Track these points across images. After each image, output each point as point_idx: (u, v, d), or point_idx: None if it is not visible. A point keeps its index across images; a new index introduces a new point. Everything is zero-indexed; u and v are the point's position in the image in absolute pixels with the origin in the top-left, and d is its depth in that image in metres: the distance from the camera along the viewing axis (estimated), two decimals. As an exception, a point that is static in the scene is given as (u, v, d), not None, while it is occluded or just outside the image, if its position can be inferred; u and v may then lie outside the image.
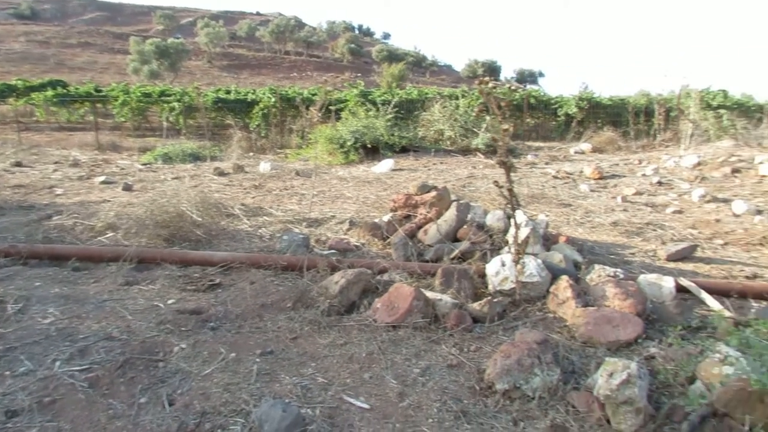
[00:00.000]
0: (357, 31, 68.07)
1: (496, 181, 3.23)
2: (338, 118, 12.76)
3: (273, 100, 16.04)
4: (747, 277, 4.25)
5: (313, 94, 16.30)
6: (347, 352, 2.79)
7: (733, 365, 2.31)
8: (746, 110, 15.97)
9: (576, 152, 11.57)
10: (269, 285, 3.61)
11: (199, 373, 2.50)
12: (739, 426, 2.21)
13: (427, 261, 4.05)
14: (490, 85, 2.86)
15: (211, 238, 4.78)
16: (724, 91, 16.90)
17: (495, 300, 3.28)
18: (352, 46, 52.90)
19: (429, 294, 3.26)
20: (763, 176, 7.55)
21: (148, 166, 10.03)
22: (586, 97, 17.30)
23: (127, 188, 7.07)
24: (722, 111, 15.04)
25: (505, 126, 2.93)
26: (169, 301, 3.35)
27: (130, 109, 17.46)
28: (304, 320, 3.11)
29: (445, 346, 2.87)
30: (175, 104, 16.72)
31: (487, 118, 11.42)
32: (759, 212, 6.06)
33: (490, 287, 3.55)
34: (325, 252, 4.36)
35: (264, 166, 9.11)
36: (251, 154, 12.81)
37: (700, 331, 3.11)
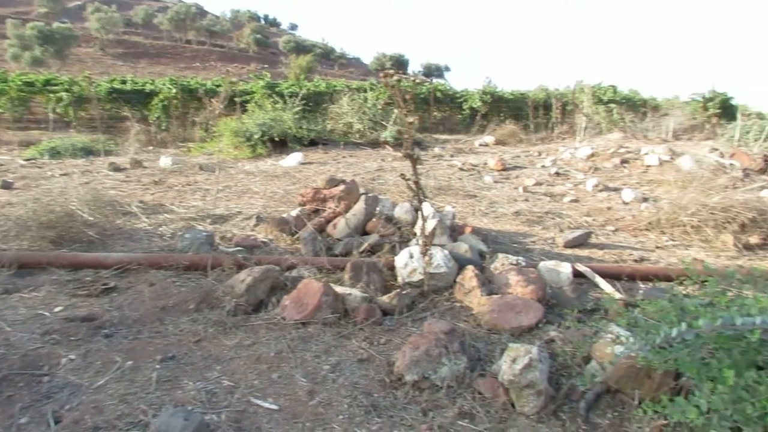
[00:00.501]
0: (263, 21, 66.33)
1: (402, 174, 3.25)
2: (244, 111, 12.37)
3: (174, 91, 15.30)
4: (635, 261, 4.57)
5: (217, 86, 15.70)
6: (255, 352, 2.70)
7: (623, 344, 2.47)
8: (633, 105, 17.20)
9: (480, 145, 11.98)
10: (170, 286, 3.43)
11: (90, 385, 2.33)
12: (629, 400, 2.37)
13: (337, 255, 4.02)
14: (395, 77, 2.86)
15: (106, 238, 4.48)
16: (613, 86, 18.10)
17: (404, 292, 3.31)
18: (258, 36, 51.49)
19: (338, 289, 3.23)
20: (649, 166, 8.18)
21: (32, 161, 9.23)
22: (490, 91, 17.92)
23: (7, 186, 6.47)
24: (612, 105, 16.11)
25: (411, 119, 2.95)
26: (56, 309, 3.09)
27: (9, 99, 15.95)
28: (209, 322, 2.99)
29: (356, 341, 2.86)
30: (63, 94, 15.47)
31: (396, 111, 11.55)
32: (645, 200, 6.55)
33: (400, 279, 3.58)
34: (231, 249, 4.22)
35: (165, 161, 8.67)
36: (151, 148, 12.15)
37: (595, 313, 3.30)
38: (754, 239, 5.17)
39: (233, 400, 2.29)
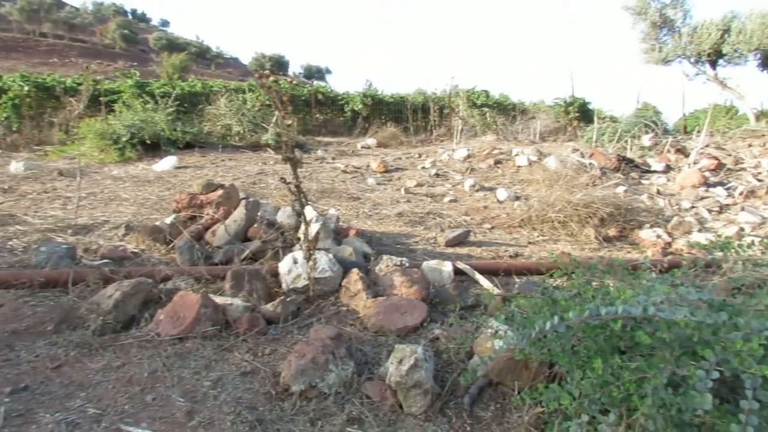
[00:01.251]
0: (130, 16, 62.13)
1: (283, 178, 3.16)
2: (110, 111, 11.46)
3: (26, 88, 13.77)
4: (511, 256, 4.82)
5: (78, 84, 14.41)
6: (125, 374, 2.47)
7: (501, 338, 2.57)
8: (504, 108, 18.27)
9: (363, 147, 12.09)
10: (23, 307, 3.06)
11: None
12: (510, 391, 2.46)
13: (216, 264, 3.82)
14: (271, 78, 2.77)
15: (-58, 255, 3.92)
16: (486, 91, 19.10)
17: (289, 299, 3.21)
18: (126, 32, 48.10)
19: (219, 299, 3.07)
20: (519, 166, 8.70)
21: None
22: (370, 94, 18.15)
23: None
24: (485, 109, 17.00)
25: (289, 121, 2.87)
26: None
27: None
28: (71, 344, 2.70)
29: (239, 353, 2.72)
30: None
31: (277, 113, 11.30)
32: (517, 198, 6.95)
33: (284, 286, 3.48)
34: (97, 262, 3.86)
35: (16, 166, 7.79)
36: None
37: (476, 309, 3.42)
38: (612, 232, 5.67)
39: (100, 430, 2.07)
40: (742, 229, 6.00)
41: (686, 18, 13.83)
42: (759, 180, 8.23)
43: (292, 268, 3.47)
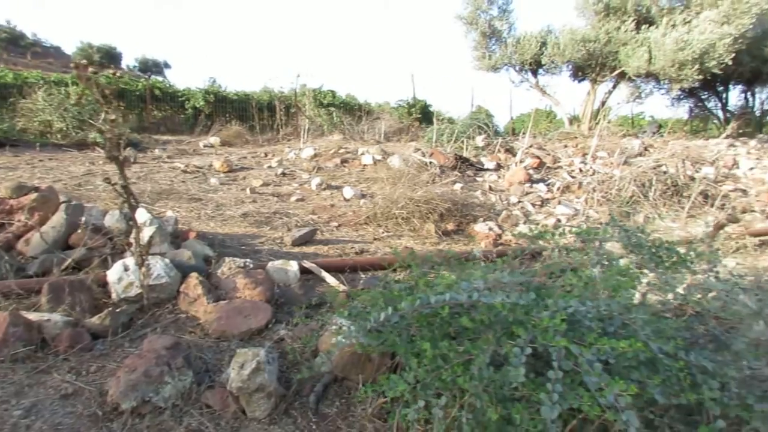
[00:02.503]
0: None
1: (107, 179, 2.89)
2: None
3: None
4: (356, 253, 4.90)
5: None
6: None
7: (346, 334, 2.61)
8: (350, 109, 18.58)
9: (205, 146, 11.55)
10: None
11: None
12: (355, 385, 2.50)
13: (32, 276, 3.40)
14: (90, 70, 2.52)
15: None
16: (332, 91, 19.27)
17: (119, 309, 2.96)
18: None
19: (33, 316, 2.73)
20: (365, 165, 8.89)
21: None
22: (213, 91, 17.40)
23: None
24: (332, 109, 17.16)
25: (113, 117, 2.63)
26: None
27: None
28: None
29: (58, 374, 2.44)
30: None
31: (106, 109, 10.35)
32: (363, 196, 7.10)
33: (115, 296, 3.19)
34: None
35: None
36: None
37: (322, 307, 3.43)
38: (450, 226, 6.03)
39: None
40: (559, 220, 6.73)
41: (511, 30, 15.17)
42: (572, 177, 9.28)
43: (122, 276, 3.19)
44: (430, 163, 8.69)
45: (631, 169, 8.68)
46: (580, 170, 9.81)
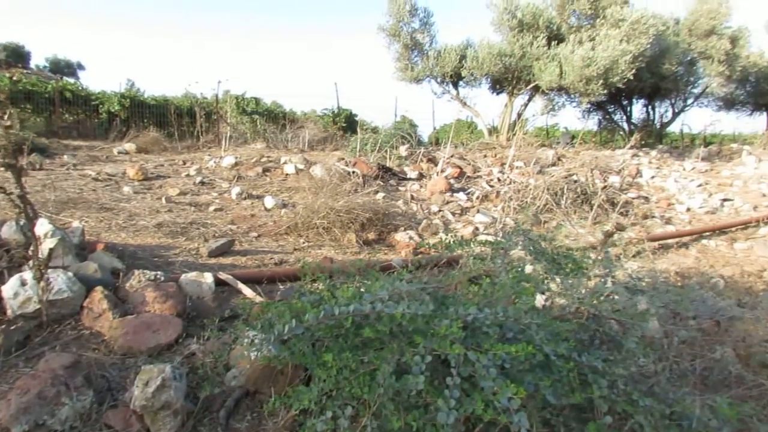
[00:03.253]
0: None
1: (2, 187, 2.72)
2: None
3: None
4: (276, 264, 4.85)
5: None
6: None
7: (257, 346, 2.57)
8: (275, 117, 18.36)
9: (120, 152, 11.04)
10: None
11: None
12: (267, 399, 2.47)
13: None
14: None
15: None
16: (256, 98, 18.99)
17: (13, 327, 2.78)
18: None
19: None
20: (288, 174, 8.82)
21: None
22: (130, 95, 16.69)
23: None
24: (256, 116, 16.90)
25: (8, 123, 2.49)
26: None
27: None
28: None
29: (-60, 399, 2.26)
30: None
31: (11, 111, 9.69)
32: (285, 206, 7.04)
33: (10, 313, 2.99)
34: None
35: None
36: None
37: (236, 319, 3.36)
38: (371, 235, 6.08)
39: None
40: (477, 229, 6.95)
41: (433, 42, 15.54)
42: (491, 186, 9.62)
43: (19, 291, 3.00)
44: (354, 172, 8.74)
45: (545, 178, 9.11)
46: (499, 179, 10.18)
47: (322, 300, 2.20)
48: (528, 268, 2.98)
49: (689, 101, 18.80)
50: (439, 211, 7.87)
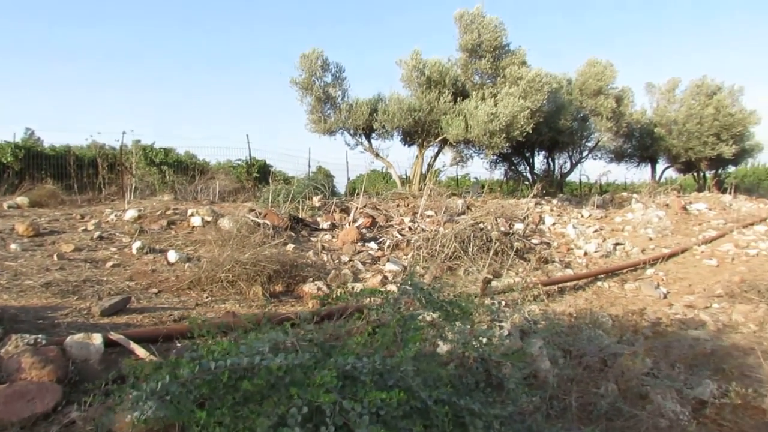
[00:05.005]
0: None
1: None
2: None
3: None
4: (175, 321, 4.66)
5: None
6: None
7: (144, 408, 2.45)
8: (185, 167, 17.90)
9: (10, 207, 10.30)
10: None
11: None
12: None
13: None
14: None
15: None
16: (165, 149, 18.44)
17: None
18: None
19: None
20: (194, 227, 8.58)
21: None
22: (27, 145, 15.77)
23: None
24: (165, 167, 16.43)
25: None
26: None
27: None
28: None
29: None
30: None
31: None
32: (189, 259, 6.81)
33: None
34: None
35: None
36: None
37: (126, 381, 3.18)
38: (279, 288, 6.01)
39: None
40: (386, 277, 7.03)
41: (345, 96, 15.96)
42: (402, 234, 9.82)
43: None
44: (264, 224, 8.63)
45: (453, 226, 9.42)
46: (410, 228, 10.42)
47: (201, 355, 2.15)
48: (428, 317, 3.06)
49: (584, 153, 20.40)
50: (350, 260, 7.91)
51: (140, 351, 3.68)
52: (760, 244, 11.20)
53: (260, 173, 18.78)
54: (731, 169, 27.82)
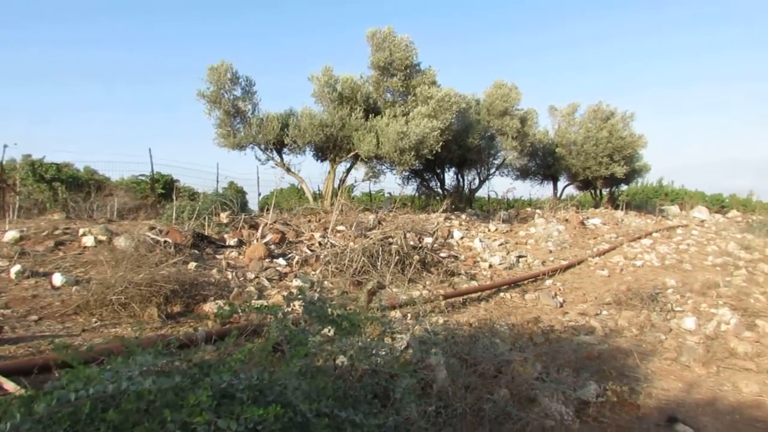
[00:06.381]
0: None
1: None
2: None
3: None
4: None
5: None
6: None
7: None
8: (81, 184, 16.73)
9: None
10: None
11: None
12: None
13: None
14: None
15: None
16: (57, 164, 17.18)
17: None
18: None
19: None
20: (86, 247, 7.98)
21: None
22: None
23: None
24: (57, 183, 15.30)
25: None
26: None
27: None
28: None
29: None
30: None
31: None
32: (78, 282, 6.31)
33: None
34: None
35: None
36: None
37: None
38: (177, 308, 5.69)
39: None
40: (291, 293, 6.84)
41: (255, 110, 15.58)
42: (312, 250, 9.66)
43: None
44: (165, 242, 8.19)
45: (363, 241, 9.38)
46: (320, 244, 10.28)
47: (63, 386, 1.93)
48: (324, 330, 2.95)
49: (492, 170, 21.21)
50: (256, 277, 7.65)
51: (10, 385, 3.32)
52: (645, 256, 12.11)
53: (165, 189, 17.95)
54: (624, 187, 29.89)
